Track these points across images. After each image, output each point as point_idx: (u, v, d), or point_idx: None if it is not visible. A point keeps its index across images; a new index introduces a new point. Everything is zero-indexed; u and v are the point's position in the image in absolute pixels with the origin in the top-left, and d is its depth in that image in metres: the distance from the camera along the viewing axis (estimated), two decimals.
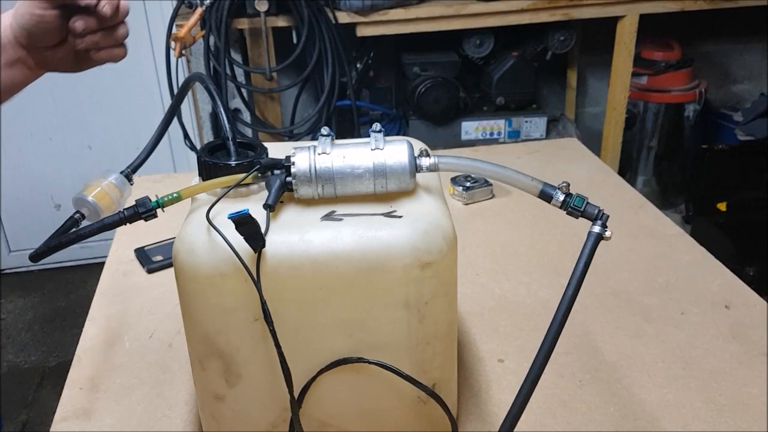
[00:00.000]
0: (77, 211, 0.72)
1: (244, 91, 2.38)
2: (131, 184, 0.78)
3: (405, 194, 0.71)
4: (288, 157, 0.69)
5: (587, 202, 0.67)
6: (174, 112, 0.83)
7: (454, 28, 2.33)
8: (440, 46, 2.51)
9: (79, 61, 0.80)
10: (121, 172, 0.77)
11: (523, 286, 1.11)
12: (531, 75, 2.56)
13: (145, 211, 0.69)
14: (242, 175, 0.69)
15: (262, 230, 0.64)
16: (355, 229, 0.66)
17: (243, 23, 2.24)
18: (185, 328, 0.72)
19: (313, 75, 2.36)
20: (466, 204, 1.36)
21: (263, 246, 0.64)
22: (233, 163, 0.70)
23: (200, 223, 0.66)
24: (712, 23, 2.74)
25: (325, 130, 0.72)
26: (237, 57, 2.32)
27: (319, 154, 0.68)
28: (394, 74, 2.59)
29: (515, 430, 0.60)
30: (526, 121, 2.59)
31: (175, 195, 0.69)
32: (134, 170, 0.78)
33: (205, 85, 0.75)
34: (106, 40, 0.76)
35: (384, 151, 0.69)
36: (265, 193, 0.69)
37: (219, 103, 0.73)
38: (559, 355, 0.93)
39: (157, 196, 0.70)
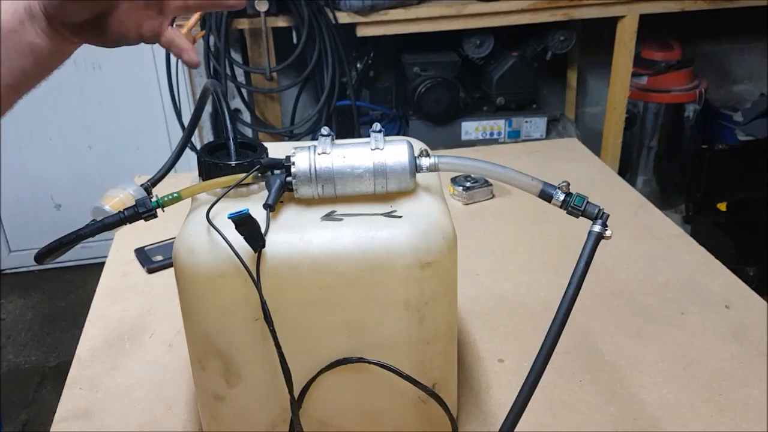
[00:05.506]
0: (93, 220, 0.73)
1: (244, 91, 2.38)
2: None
3: (405, 194, 0.71)
4: (288, 157, 0.69)
5: (587, 202, 0.67)
6: (195, 124, 0.82)
7: (454, 29, 2.33)
8: (440, 46, 2.51)
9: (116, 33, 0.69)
10: (142, 185, 0.77)
11: (523, 286, 1.11)
12: (531, 75, 2.56)
13: (145, 211, 0.69)
14: (242, 175, 0.69)
15: (262, 230, 0.64)
16: (355, 229, 0.66)
17: (243, 23, 2.24)
18: (185, 328, 0.72)
19: (313, 75, 2.37)
20: (466, 204, 1.36)
21: (263, 246, 0.64)
22: (233, 163, 0.70)
23: (200, 223, 0.66)
24: (712, 23, 2.74)
25: (325, 130, 0.72)
26: (237, 57, 2.32)
27: (319, 154, 0.68)
28: (394, 74, 2.59)
29: (515, 430, 0.60)
30: (526, 121, 2.59)
31: (175, 195, 0.69)
32: (154, 184, 0.77)
33: (216, 91, 0.76)
34: None
35: (384, 151, 0.69)
36: (265, 193, 0.69)
37: (225, 108, 0.73)
38: (559, 355, 0.92)
39: (157, 196, 0.70)
